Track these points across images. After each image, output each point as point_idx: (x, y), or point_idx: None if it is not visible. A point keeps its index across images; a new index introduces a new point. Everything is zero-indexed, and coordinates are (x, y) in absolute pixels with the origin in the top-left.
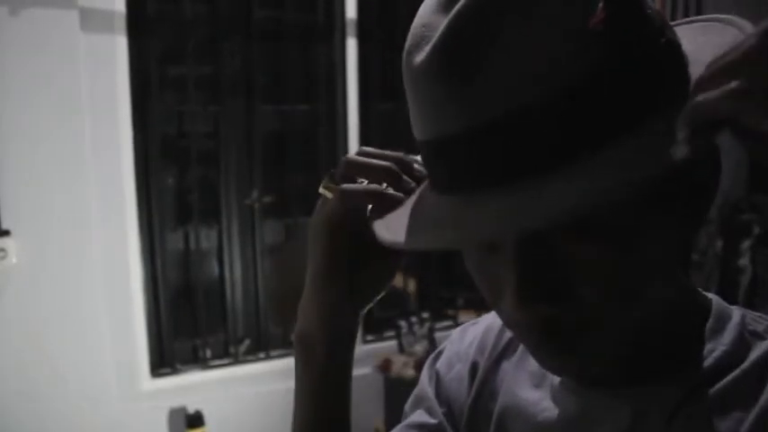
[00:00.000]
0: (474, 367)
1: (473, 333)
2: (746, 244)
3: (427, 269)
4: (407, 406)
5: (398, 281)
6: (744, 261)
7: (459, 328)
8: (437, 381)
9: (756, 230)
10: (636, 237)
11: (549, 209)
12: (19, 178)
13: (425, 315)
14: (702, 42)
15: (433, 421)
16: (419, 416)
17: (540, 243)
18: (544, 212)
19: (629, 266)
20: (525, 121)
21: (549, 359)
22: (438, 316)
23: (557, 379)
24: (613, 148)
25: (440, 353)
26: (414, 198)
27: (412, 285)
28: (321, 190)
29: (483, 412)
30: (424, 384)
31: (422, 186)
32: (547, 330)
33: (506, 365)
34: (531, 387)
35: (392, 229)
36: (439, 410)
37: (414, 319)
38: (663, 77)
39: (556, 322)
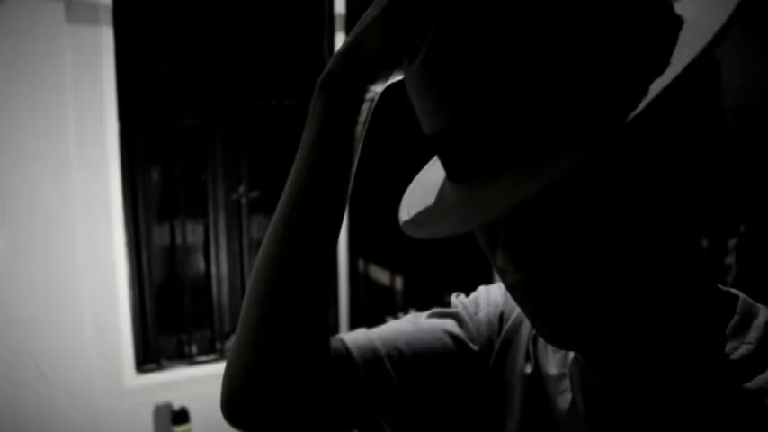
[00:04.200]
0: (501, 317)
1: (501, 288)
2: (732, 242)
3: (414, 266)
4: (430, 311)
5: (386, 278)
6: (730, 259)
7: (481, 287)
8: (467, 316)
9: (742, 229)
10: (614, 205)
11: (522, 193)
12: (1, 171)
13: (412, 311)
14: (702, 5)
15: (474, 348)
16: (457, 329)
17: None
18: (518, 197)
19: (604, 235)
20: (499, 115)
21: (531, 321)
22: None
23: (574, 355)
24: (589, 123)
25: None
26: (439, 182)
27: (399, 282)
28: None
29: (509, 367)
30: (459, 309)
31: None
32: (520, 292)
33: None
34: (555, 363)
35: (412, 210)
36: (479, 336)
37: (400, 315)
38: (643, 46)
39: (526, 286)
